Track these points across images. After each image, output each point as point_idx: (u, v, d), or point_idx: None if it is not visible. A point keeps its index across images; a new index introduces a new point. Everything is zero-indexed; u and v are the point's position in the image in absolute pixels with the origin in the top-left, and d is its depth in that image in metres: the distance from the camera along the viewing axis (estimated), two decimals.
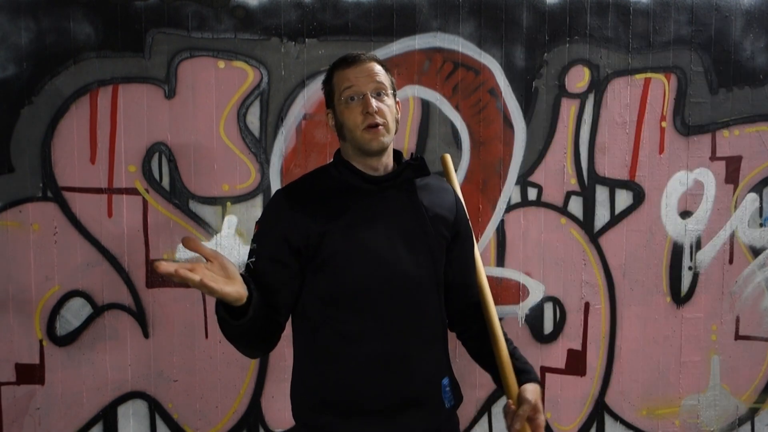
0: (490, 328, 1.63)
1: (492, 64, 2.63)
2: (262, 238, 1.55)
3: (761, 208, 2.85)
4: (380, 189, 1.57)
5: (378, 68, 1.56)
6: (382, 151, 1.56)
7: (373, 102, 1.51)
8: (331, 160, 1.65)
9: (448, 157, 1.89)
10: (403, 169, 1.59)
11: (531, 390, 1.53)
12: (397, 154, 1.65)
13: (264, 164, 2.56)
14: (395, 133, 1.58)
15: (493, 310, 1.65)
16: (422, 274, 1.56)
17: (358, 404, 1.54)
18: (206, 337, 2.57)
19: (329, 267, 1.52)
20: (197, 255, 1.30)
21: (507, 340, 1.67)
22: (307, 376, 1.60)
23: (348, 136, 1.56)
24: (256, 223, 1.59)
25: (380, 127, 1.51)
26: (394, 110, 1.57)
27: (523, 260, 2.71)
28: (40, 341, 2.50)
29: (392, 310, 1.52)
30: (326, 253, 1.51)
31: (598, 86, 2.70)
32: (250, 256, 1.55)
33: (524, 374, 1.58)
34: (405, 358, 1.55)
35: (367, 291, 1.51)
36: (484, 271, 1.72)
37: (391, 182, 1.57)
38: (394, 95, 1.60)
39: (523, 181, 2.69)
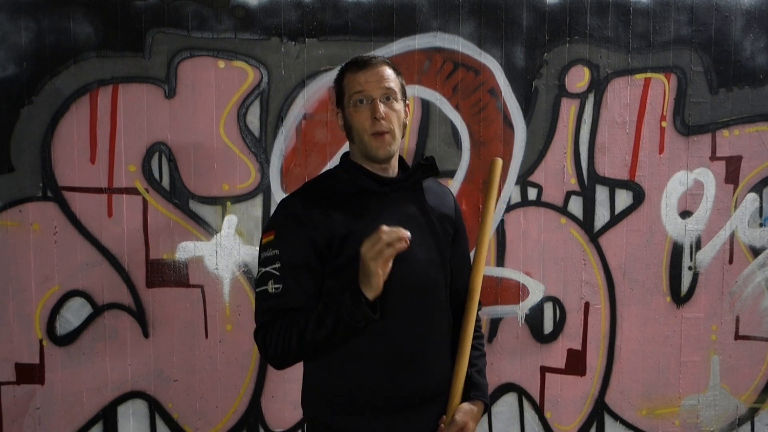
0: (461, 335, 1.65)
1: (492, 64, 2.63)
2: (285, 244, 1.52)
3: (761, 208, 2.85)
4: (392, 190, 1.60)
5: (389, 72, 1.57)
6: (388, 159, 1.58)
7: (381, 107, 1.53)
8: (338, 163, 1.67)
9: (499, 162, 1.79)
10: (415, 170, 1.62)
11: (464, 411, 1.61)
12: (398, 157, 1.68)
13: (264, 164, 2.56)
14: (402, 138, 1.60)
15: (473, 317, 1.67)
16: (435, 272, 1.60)
17: (378, 402, 1.56)
18: (206, 337, 2.57)
19: (351, 268, 1.51)
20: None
21: (481, 352, 1.73)
22: (326, 378, 1.60)
23: (356, 138, 1.58)
24: (268, 231, 1.56)
25: (386, 135, 1.54)
26: (402, 115, 1.59)
27: (523, 260, 2.71)
28: (40, 341, 2.50)
29: (410, 308, 1.54)
30: (349, 255, 1.51)
31: (598, 86, 2.70)
32: (269, 263, 1.52)
33: (475, 390, 1.66)
34: (422, 356, 1.58)
35: (388, 291, 1.51)
36: (481, 273, 1.71)
37: (403, 183, 1.60)
38: (404, 99, 1.62)
39: (523, 181, 2.69)
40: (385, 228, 1.36)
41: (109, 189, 2.49)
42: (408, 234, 1.37)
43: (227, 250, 2.55)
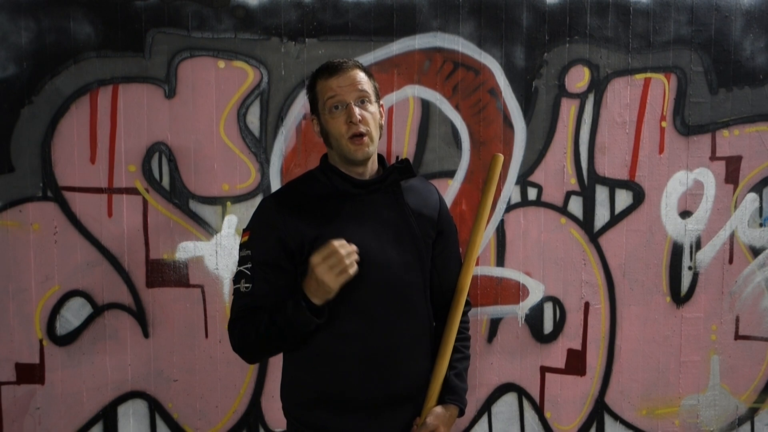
0: (443, 336, 1.67)
1: (492, 64, 2.63)
2: (256, 245, 1.57)
3: (761, 208, 2.85)
4: (368, 192, 1.61)
5: (361, 75, 1.59)
6: (366, 160, 1.60)
7: (357, 111, 1.55)
8: (317, 165, 1.69)
9: (500, 158, 1.78)
10: (390, 173, 1.63)
11: (436, 414, 1.63)
12: (379, 157, 1.69)
13: (264, 164, 2.56)
14: (379, 139, 1.63)
15: (457, 319, 1.68)
16: (411, 274, 1.61)
17: (349, 400, 1.58)
18: (206, 337, 2.57)
19: None
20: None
21: (463, 354, 1.73)
22: (299, 374, 1.63)
23: (333, 144, 1.60)
24: (245, 230, 1.62)
25: (365, 137, 1.56)
26: (378, 116, 1.62)
27: (523, 260, 2.71)
28: (40, 341, 2.50)
29: (383, 310, 1.56)
30: None
31: (598, 86, 2.70)
32: (243, 262, 1.58)
33: (451, 393, 1.66)
34: (394, 356, 1.60)
35: (359, 292, 1.54)
36: (471, 273, 1.72)
37: (378, 185, 1.62)
38: (378, 101, 1.64)
39: (523, 181, 2.69)
40: (336, 242, 1.42)
41: (109, 189, 2.49)
42: (354, 248, 1.44)
43: (227, 250, 2.55)
